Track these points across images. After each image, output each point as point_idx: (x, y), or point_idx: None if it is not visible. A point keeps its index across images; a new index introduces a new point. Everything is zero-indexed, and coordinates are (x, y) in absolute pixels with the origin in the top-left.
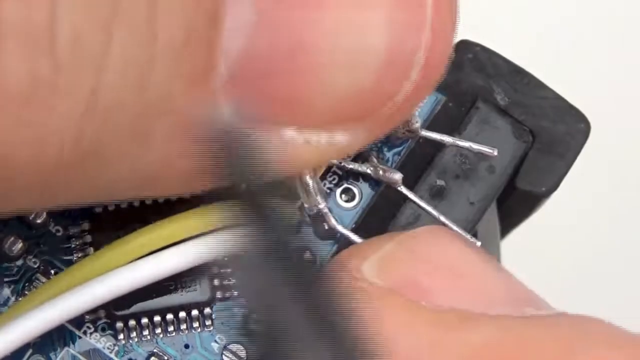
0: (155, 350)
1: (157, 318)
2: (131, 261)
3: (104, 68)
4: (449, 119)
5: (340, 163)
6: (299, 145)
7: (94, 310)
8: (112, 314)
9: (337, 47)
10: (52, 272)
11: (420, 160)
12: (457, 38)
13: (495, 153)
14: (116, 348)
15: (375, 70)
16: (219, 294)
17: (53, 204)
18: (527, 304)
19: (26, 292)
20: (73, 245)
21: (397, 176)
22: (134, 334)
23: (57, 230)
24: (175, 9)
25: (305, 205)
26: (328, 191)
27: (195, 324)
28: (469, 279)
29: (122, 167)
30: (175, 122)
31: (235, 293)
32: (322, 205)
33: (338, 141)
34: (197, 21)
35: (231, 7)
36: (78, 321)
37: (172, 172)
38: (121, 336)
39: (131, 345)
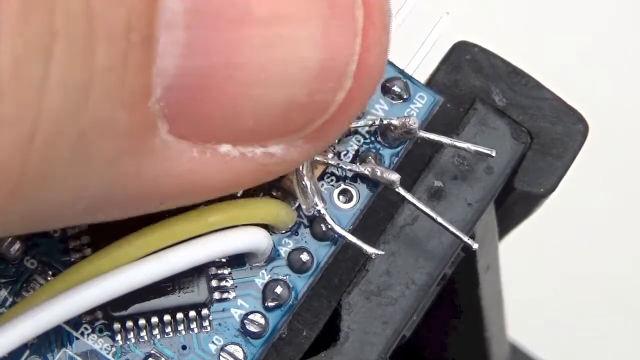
0: (152, 352)
1: (154, 319)
2: (130, 262)
3: (45, 92)
4: (447, 120)
5: (338, 164)
6: (235, 158)
7: (91, 311)
8: (110, 315)
9: (267, 64)
10: (50, 273)
11: (418, 162)
12: (456, 39)
13: (494, 154)
14: (113, 349)
15: (307, 83)
16: (216, 295)
17: None
18: None
19: (24, 293)
20: (71, 246)
21: (395, 177)
22: (131, 335)
23: (55, 231)
24: (113, 31)
25: (303, 207)
26: (325, 192)
27: (193, 325)
28: None
29: (66, 192)
30: (116, 145)
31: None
32: (320, 206)
33: (274, 152)
34: (132, 44)
35: (164, 30)
36: (75, 322)
37: (119, 195)
38: (118, 337)
39: (128, 347)
